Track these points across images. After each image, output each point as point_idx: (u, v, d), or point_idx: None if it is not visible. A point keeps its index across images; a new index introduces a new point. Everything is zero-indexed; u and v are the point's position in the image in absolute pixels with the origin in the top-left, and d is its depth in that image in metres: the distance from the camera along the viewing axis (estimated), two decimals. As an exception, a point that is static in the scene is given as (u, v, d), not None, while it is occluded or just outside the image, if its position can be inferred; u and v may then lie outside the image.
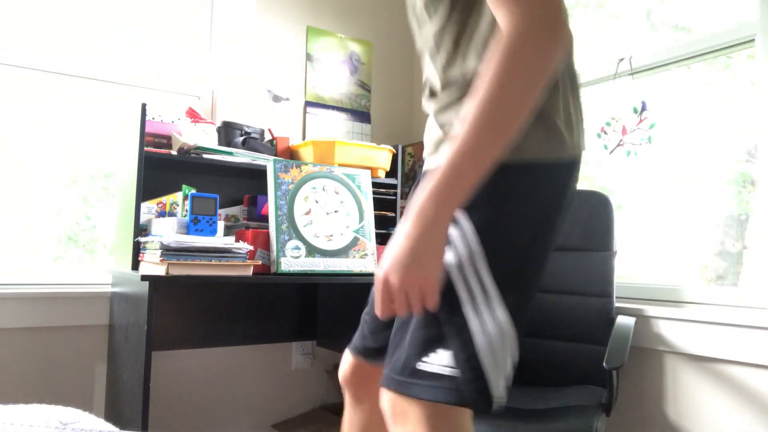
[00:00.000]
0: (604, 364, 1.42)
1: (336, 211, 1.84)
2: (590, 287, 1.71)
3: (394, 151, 2.24)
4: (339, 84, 2.57)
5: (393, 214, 2.25)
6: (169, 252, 1.50)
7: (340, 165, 2.00)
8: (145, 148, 1.74)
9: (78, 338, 1.95)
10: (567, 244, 1.79)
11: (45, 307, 1.89)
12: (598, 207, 1.77)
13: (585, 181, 2.11)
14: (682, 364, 1.59)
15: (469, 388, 0.79)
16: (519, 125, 0.75)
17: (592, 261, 1.74)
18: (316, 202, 1.81)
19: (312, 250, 1.75)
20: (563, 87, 0.87)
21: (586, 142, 0.94)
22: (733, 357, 1.47)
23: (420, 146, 2.48)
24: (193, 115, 2.02)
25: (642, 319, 1.66)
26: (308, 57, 2.49)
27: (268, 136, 2.20)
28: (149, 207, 1.78)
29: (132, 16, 2.25)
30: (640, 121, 1.79)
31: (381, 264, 0.79)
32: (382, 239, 2.18)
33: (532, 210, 0.84)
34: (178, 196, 1.81)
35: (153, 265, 1.54)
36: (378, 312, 0.80)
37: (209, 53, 2.35)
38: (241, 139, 2.05)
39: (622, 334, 1.57)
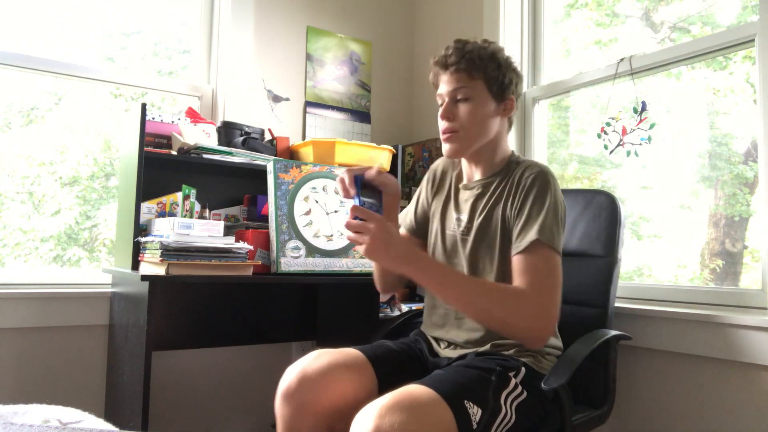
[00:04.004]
0: (542, 383, 1.21)
1: (336, 211, 1.84)
2: (584, 295, 1.51)
3: (394, 151, 2.23)
4: (339, 84, 2.57)
5: (393, 214, 2.25)
6: (169, 252, 1.50)
7: (340, 165, 2.00)
8: (145, 148, 1.74)
9: (78, 338, 1.95)
10: (564, 249, 1.54)
11: (45, 307, 1.89)
12: (603, 208, 1.57)
13: (584, 182, 2.11)
14: (682, 364, 1.59)
15: None
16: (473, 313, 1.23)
17: (590, 267, 1.54)
18: (316, 202, 1.81)
19: (312, 250, 1.75)
20: None
21: None
22: (732, 357, 1.47)
23: (420, 146, 2.48)
24: (193, 115, 2.02)
25: (641, 319, 1.66)
26: (308, 57, 2.49)
27: (268, 136, 2.20)
28: (149, 207, 1.78)
29: (132, 16, 2.25)
30: (640, 121, 1.79)
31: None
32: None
33: None
34: (178, 196, 1.81)
35: (153, 265, 1.54)
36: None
37: (209, 53, 2.35)
38: (241, 139, 2.05)
39: (577, 349, 1.31)
